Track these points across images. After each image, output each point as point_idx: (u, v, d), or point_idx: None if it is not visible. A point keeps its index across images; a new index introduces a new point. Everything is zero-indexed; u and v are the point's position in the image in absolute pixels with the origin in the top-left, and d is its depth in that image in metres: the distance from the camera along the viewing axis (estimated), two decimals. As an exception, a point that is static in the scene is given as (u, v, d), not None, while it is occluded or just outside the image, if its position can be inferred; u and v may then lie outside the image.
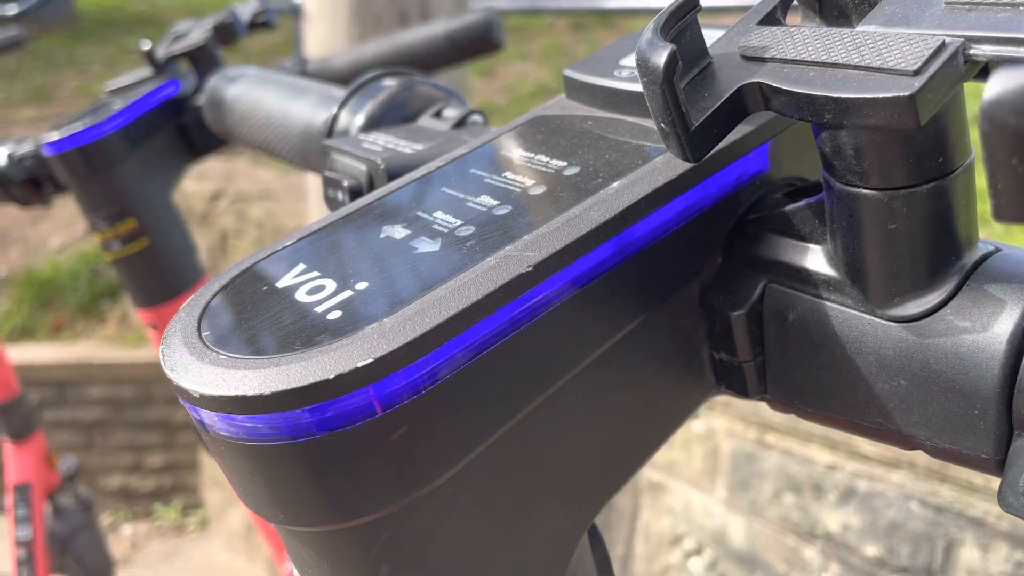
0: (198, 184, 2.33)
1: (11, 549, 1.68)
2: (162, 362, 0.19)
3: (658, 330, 0.23)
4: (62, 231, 2.91)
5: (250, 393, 0.18)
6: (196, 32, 0.75)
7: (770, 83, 0.19)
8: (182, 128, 0.76)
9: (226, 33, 0.73)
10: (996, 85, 0.13)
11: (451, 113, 0.34)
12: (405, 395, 0.18)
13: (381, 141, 0.32)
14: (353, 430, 0.18)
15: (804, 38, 0.19)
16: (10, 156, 0.77)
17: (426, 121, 0.35)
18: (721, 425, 1.32)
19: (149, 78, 0.76)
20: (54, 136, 0.69)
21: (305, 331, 0.19)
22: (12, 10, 2.65)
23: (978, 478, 1.05)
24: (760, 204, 0.23)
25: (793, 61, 0.19)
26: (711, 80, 0.20)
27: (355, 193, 0.31)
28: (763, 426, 1.27)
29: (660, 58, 0.18)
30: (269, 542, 0.84)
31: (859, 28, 0.19)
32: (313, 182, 1.47)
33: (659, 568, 1.39)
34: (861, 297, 0.20)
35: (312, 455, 0.18)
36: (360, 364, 0.17)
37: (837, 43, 0.18)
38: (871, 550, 1.15)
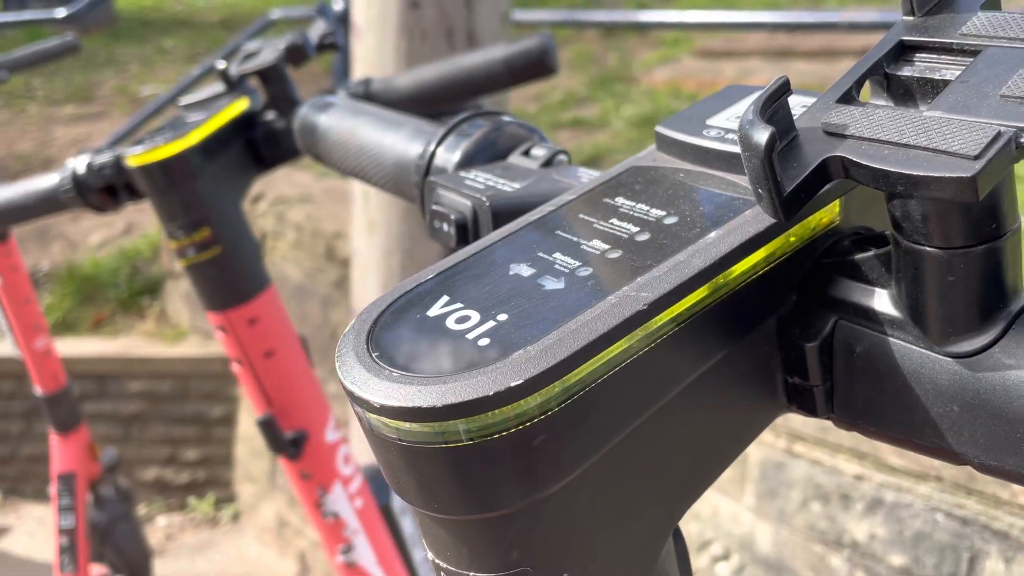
0: (237, 185, 2.38)
1: (54, 537, 1.74)
2: (341, 377, 0.24)
3: (742, 358, 0.26)
4: (102, 228, 2.98)
5: (424, 405, 0.22)
6: (267, 52, 0.80)
7: (851, 158, 0.22)
8: (251, 142, 0.80)
9: (297, 54, 0.78)
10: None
11: (539, 152, 0.38)
12: (545, 410, 0.22)
13: (482, 179, 0.36)
14: (500, 438, 0.22)
15: (879, 118, 0.23)
16: (89, 165, 0.81)
17: (516, 159, 0.39)
18: (750, 434, 1.35)
19: (222, 94, 0.81)
20: (138, 150, 0.74)
21: (461, 354, 0.23)
22: (61, 13, 2.73)
23: (1003, 492, 1.08)
24: (832, 250, 0.27)
25: (870, 139, 0.23)
26: (798, 151, 0.24)
27: (461, 227, 0.35)
28: (792, 436, 1.30)
29: (761, 138, 0.22)
30: (323, 537, 0.88)
31: (926, 112, 0.22)
32: (357, 188, 1.52)
33: (686, 572, 1.42)
34: (921, 335, 0.24)
35: (462, 458, 0.22)
36: (513, 384, 0.21)
37: (908, 125, 0.22)
38: (897, 560, 1.18)
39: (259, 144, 0.80)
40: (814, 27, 1.83)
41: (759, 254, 0.25)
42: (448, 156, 0.40)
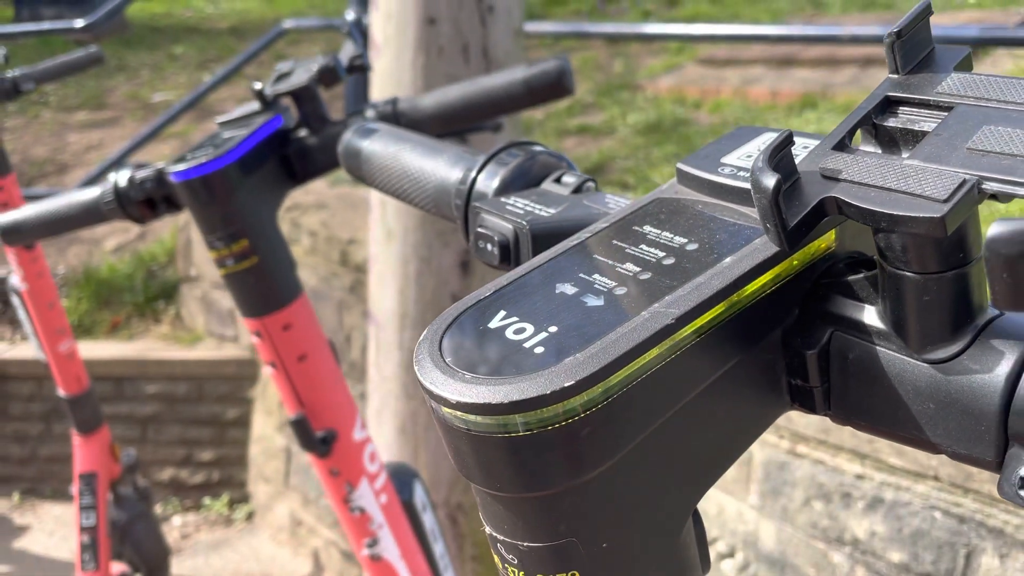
0: (251, 192, 2.43)
1: (76, 535, 1.79)
2: (420, 377, 0.28)
3: (752, 363, 0.31)
4: (118, 233, 3.03)
5: (492, 401, 0.26)
6: (300, 73, 0.84)
7: (844, 198, 0.27)
8: (285, 158, 0.85)
9: (330, 76, 0.82)
10: (994, 230, 0.22)
11: (569, 180, 0.43)
12: (591, 406, 0.27)
13: (520, 204, 0.41)
14: (551, 430, 0.27)
15: (867, 165, 0.28)
16: (131, 178, 0.86)
17: (549, 186, 0.43)
18: (755, 435, 1.39)
19: (257, 113, 0.85)
20: (181, 167, 0.78)
21: (521, 360, 0.27)
22: (79, 23, 2.79)
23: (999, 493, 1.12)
24: (828, 272, 0.32)
25: (859, 183, 0.27)
26: (800, 192, 0.28)
27: (504, 247, 0.39)
28: (795, 437, 1.35)
29: (769, 183, 0.27)
30: (350, 531, 0.93)
31: (906, 161, 0.27)
32: (374, 198, 1.57)
33: (692, 569, 1.47)
34: (903, 344, 0.29)
35: (520, 446, 0.27)
36: (565, 385, 0.26)
37: (891, 171, 0.27)
38: (896, 556, 1.22)
39: (292, 160, 0.84)
40: (816, 39, 1.88)
41: (767, 276, 0.30)
42: (488, 182, 0.45)
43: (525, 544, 0.29)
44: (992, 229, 0.22)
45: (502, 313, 0.30)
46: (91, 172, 3.05)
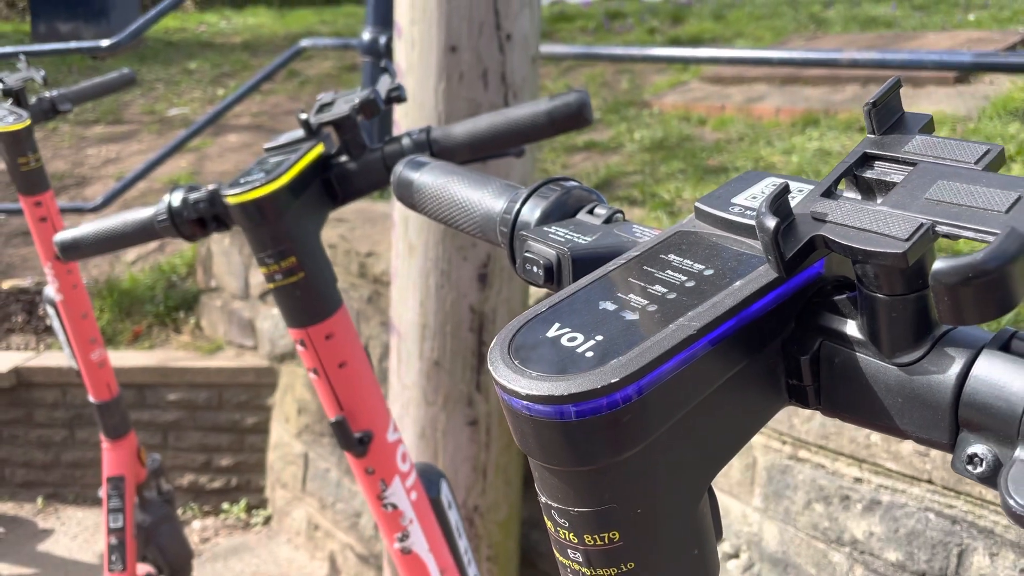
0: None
1: (104, 537, 1.85)
2: (494, 374, 0.36)
3: (757, 366, 0.38)
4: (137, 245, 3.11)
5: (555, 394, 0.34)
6: (341, 105, 0.92)
7: (829, 236, 0.34)
8: (327, 181, 0.92)
9: (370, 107, 0.90)
10: (936, 265, 0.29)
11: (601, 211, 0.50)
12: (629, 399, 0.34)
13: (561, 233, 0.48)
14: (601, 416, 0.34)
15: (848, 210, 0.35)
16: (185, 199, 0.94)
17: (584, 216, 0.51)
18: (758, 441, 1.46)
19: (302, 140, 0.93)
20: (236, 190, 0.86)
21: (575, 362, 0.35)
22: (105, 43, 2.87)
23: (988, 493, 1.19)
24: (819, 293, 0.39)
25: (841, 224, 0.35)
26: (795, 230, 0.36)
27: (548, 269, 0.47)
28: (797, 443, 1.41)
29: (771, 225, 0.34)
30: (383, 526, 1.00)
31: (879, 207, 0.35)
32: (397, 214, 1.64)
33: (699, 570, 1.53)
34: (877, 351, 0.36)
35: (573, 429, 0.34)
36: (612, 381, 0.34)
37: (866, 215, 0.34)
38: (892, 555, 1.29)
39: (334, 183, 0.92)
40: (817, 63, 1.95)
41: (770, 296, 0.37)
42: (531, 213, 0.52)
43: (575, 510, 0.36)
44: (935, 265, 0.30)
45: (556, 325, 0.37)
46: (114, 187, 3.13)
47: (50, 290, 1.76)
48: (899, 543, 1.27)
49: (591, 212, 0.51)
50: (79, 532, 2.61)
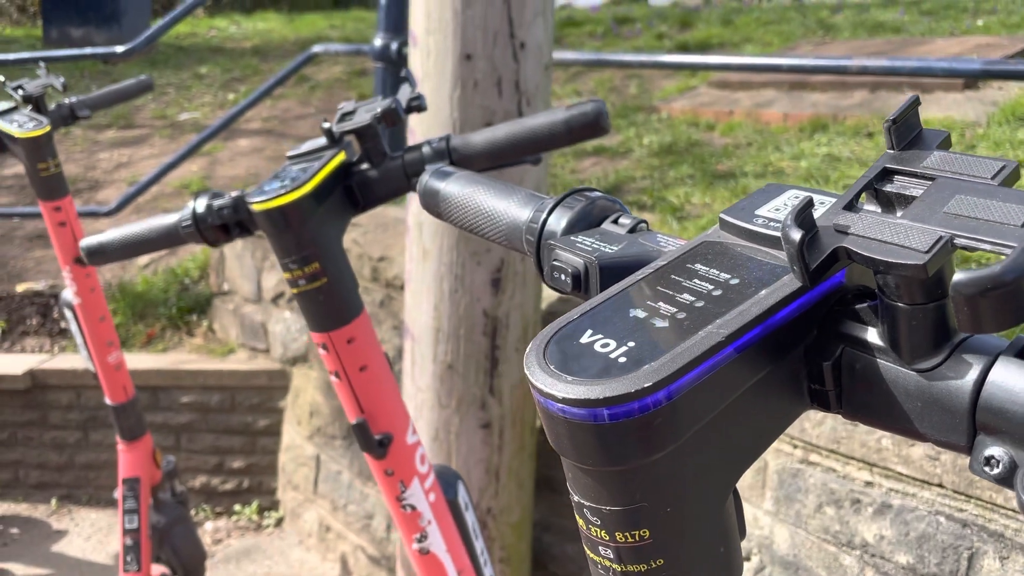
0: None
1: (119, 537, 1.87)
2: (531, 378, 0.37)
3: (781, 371, 0.40)
4: (151, 249, 3.13)
5: (590, 397, 0.35)
6: (362, 114, 0.94)
7: (852, 248, 0.36)
8: (348, 188, 0.94)
9: (391, 116, 0.91)
10: (956, 277, 0.31)
11: (625, 221, 0.52)
12: (660, 403, 0.36)
13: (588, 242, 0.50)
14: (633, 419, 0.36)
15: (869, 222, 0.37)
16: (209, 206, 0.95)
17: (608, 226, 0.52)
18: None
19: (324, 148, 0.95)
20: (261, 197, 0.88)
21: (608, 367, 0.36)
22: (120, 50, 2.90)
23: (999, 497, 1.20)
24: (840, 301, 0.41)
25: (863, 236, 0.37)
26: (819, 242, 0.37)
27: (575, 277, 0.48)
28: (808, 447, 1.43)
29: (796, 237, 0.36)
30: (401, 527, 1.02)
31: (899, 220, 0.36)
32: (411, 219, 1.66)
33: (710, 572, 1.54)
34: (897, 357, 0.37)
35: (606, 431, 0.36)
36: (645, 386, 0.35)
37: (887, 227, 0.36)
38: (903, 559, 1.30)
39: (355, 190, 0.93)
40: (826, 70, 1.97)
41: (794, 304, 0.39)
42: (557, 223, 0.54)
43: (607, 508, 0.37)
44: (955, 277, 0.31)
45: (589, 331, 0.39)
46: (128, 191, 3.16)
47: (68, 293, 1.78)
48: (909, 546, 1.29)
49: (615, 222, 0.52)
50: (92, 533, 2.63)
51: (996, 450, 0.34)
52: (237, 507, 2.70)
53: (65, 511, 2.74)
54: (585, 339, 0.39)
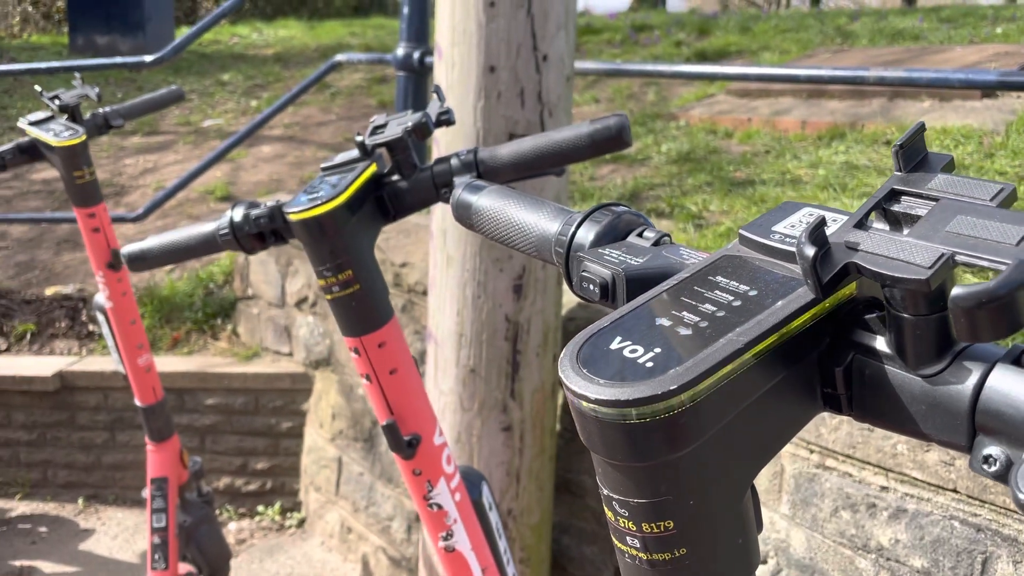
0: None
1: (148, 536, 1.92)
2: (565, 380, 0.41)
3: (796, 376, 0.43)
4: (176, 253, 3.19)
5: (620, 399, 0.39)
6: (394, 127, 0.97)
7: (861, 263, 0.39)
8: (380, 199, 0.98)
9: (421, 130, 0.95)
10: (954, 292, 0.34)
11: (650, 235, 0.55)
12: (685, 405, 0.39)
13: (615, 255, 0.53)
14: (657, 420, 0.39)
15: (878, 240, 0.40)
16: (246, 215, 0.99)
17: (634, 239, 0.55)
18: (786, 449, 1.50)
19: (357, 159, 0.99)
20: (298, 208, 0.92)
21: (637, 371, 0.40)
22: (148, 59, 2.96)
23: (1012, 503, 1.21)
24: (851, 312, 0.44)
25: (872, 253, 0.40)
26: (831, 257, 0.40)
27: (603, 288, 0.52)
28: (824, 452, 1.45)
29: (810, 253, 0.39)
30: (428, 525, 1.05)
31: (905, 237, 0.39)
32: (435, 227, 1.70)
33: (727, 575, 1.57)
34: (903, 364, 0.40)
35: (634, 430, 0.39)
36: (671, 388, 0.39)
37: (893, 245, 0.39)
38: (917, 562, 1.32)
39: (386, 200, 0.97)
40: (844, 80, 1.99)
41: (807, 315, 0.42)
42: (585, 235, 0.57)
43: (634, 500, 0.39)
44: (954, 291, 0.34)
45: (619, 338, 0.42)
46: (156, 197, 3.22)
47: (100, 297, 1.83)
48: (924, 550, 1.30)
49: (640, 235, 0.56)
50: (119, 532, 2.69)
51: (994, 449, 0.37)
52: (260, 508, 2.74)
53: (92, 510, 2.80)
54: (615, 345, 0.42)
